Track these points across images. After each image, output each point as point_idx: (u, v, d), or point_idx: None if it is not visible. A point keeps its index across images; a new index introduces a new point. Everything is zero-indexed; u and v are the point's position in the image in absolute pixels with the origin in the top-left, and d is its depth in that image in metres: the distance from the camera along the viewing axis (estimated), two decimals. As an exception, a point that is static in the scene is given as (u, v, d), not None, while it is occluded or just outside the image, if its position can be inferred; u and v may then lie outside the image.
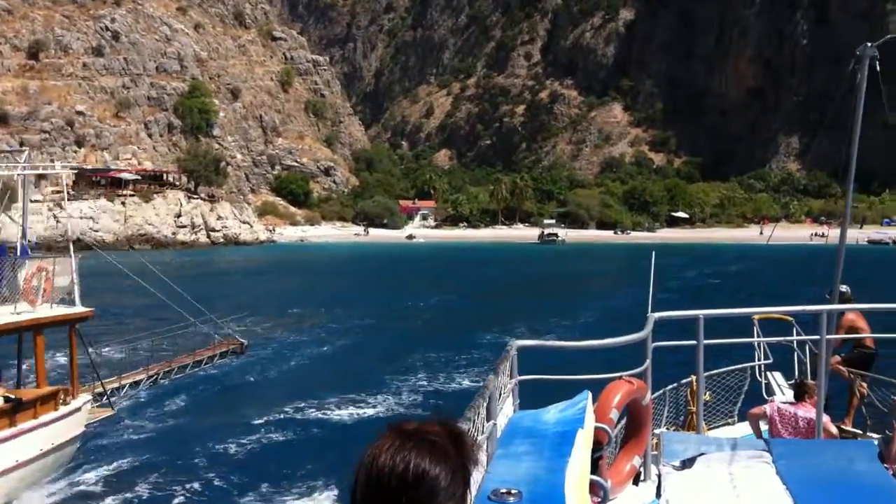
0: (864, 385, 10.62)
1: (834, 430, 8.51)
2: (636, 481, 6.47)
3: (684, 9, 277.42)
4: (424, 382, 26.72)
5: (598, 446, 5.21)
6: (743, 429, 9.60)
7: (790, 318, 10.05)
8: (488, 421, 4.79)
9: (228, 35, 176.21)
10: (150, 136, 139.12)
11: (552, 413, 5.27)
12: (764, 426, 8.73)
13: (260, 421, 22.43)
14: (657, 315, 6.91)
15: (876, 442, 6.98)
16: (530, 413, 5.50)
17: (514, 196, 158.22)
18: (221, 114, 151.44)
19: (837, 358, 11.02)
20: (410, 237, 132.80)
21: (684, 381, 9.43)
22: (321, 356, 32.31)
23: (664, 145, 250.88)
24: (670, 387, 9.61)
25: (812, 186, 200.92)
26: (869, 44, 10.94)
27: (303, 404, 24.00)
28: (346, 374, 28.51)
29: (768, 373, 11.04)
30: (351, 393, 25.09)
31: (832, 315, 9.63)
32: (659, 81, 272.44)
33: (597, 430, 5.18)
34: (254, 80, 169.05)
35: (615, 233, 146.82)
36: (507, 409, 5.54)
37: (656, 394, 8.85)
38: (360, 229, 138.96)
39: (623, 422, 6.56)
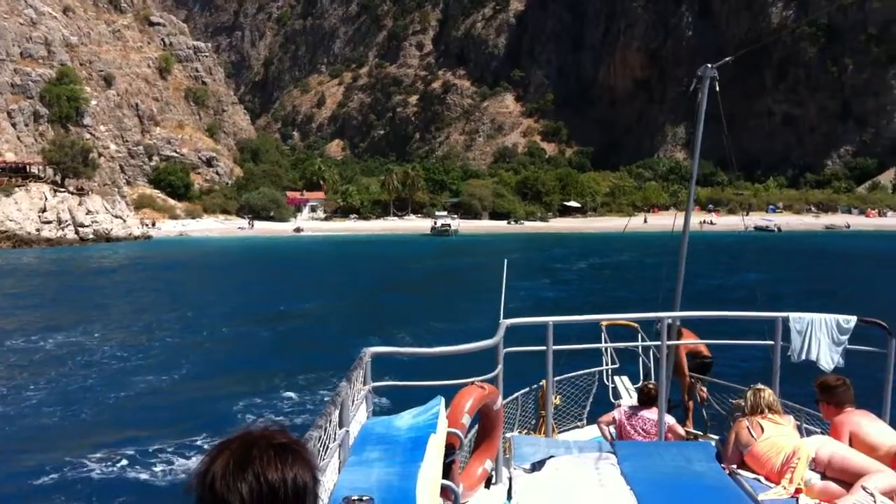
0: (704, 389, 11.07)
1: (681, 430, 9.01)
2: (488, 484, 6.44)
3: (573, 0, 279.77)
4: (287, 410, 22.06)
5: (450, 451, 5.18)
6: (591, 431, 9.84)
7: (635, 325, 10.87)
8: (340, 428, 4.76)
9: (101, 19, 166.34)
10: (13, 125, 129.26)
11: (405, 419, 5.24)
12: (613, 429, 9.00)
13: (45, 481, 16.45)
14: (508, 322, 6.88)
15: (714, 443, 7.17)
16: (383, 420, 5.41)
17: (405, 187, 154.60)
18: (93, 102, 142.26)
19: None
20: (298, 230, 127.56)
21: (535, 385, 9.37)
22: (154, 385, 25.17)
23: (556, 135, 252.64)
24: (522, 391, 9.65)
25: (699, 175, 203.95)
26: (709, 65, 11.76)
27: (116, 456, 17.78)
28: (183, 407, 22.26)
29: (615, 377, 11.47)
30: (186, 436, 19.22)
31: (673, 322, 9.97)
32: (549, 72, 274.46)
33: (449, 434, 5.18)
34: (129, 66, 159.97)
35: (508, 223, 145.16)
36: (360, 417, 5.43)
37: (509, 398, 9.00)
38: (244, 222, 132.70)
39: (476, 427, 6.53)
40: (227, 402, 22.59)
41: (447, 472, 5.13)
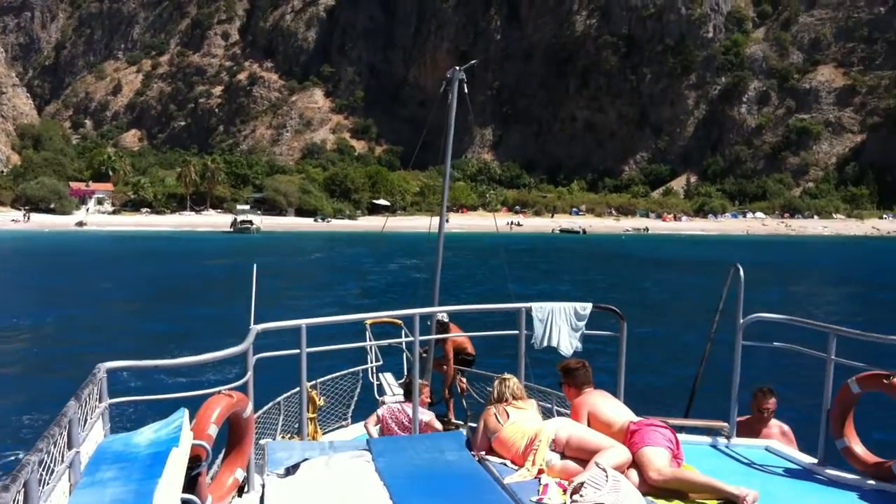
0: (464, 381, 11.61)
1: (438, 426, 9.11)
2: (241, 493, 6.34)
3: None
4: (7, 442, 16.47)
5: (196, 463, 5.04)
6: (356, 430, 10.08)
7: (399, 322, 10.71)
8: (70, 449, 4.48)
9: None
10: None
11: (146, 434, 5.03)
12: (378, 427, 9.14)
13: None
14: (259, 327, 6.71)
15: (464, 432, 7.39)
16: (122, 437, 5.15)
17: (204, 180, 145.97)
18: None
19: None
20: (81, 224, 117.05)
21: (297, 389, 8.91)
22: None
23: (365, 133, 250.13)
24: (284, 395, 9.49)
25: (505, 177, 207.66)
26: (457, 68, 12.05)
27: None
28: None
29: (380, 374, 11.71)
30: None
31: (430, 317, 10.80)
32: (360, 69, 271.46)
33: (194, 447, 5.04)
34: None
35: (315, 220, 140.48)
36: (95, 436, 5.12)
37: (271, 403, 9.16)
38: (19, 214, 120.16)
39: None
40: None
41: (193, 485, 4.95)
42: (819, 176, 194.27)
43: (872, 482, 6.43)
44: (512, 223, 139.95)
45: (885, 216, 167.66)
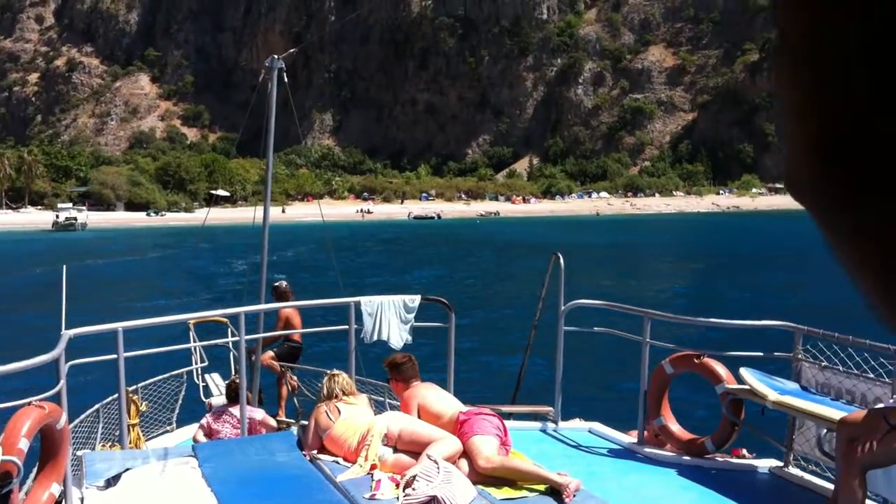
0: (294, 378, 11.33)
1: (273, 422, 9.14)
2: None
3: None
4: None
5: (7, 480, 4.94)
6: (182, 434, 9.68)
7: (225, 321, 10.50)
8: None
9: None
10: None
11: None
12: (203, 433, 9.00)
13: None
14: (71, 332, 6.46)
15: (295, 431, 7.36)
16: None
17: (21, 174, 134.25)
18: None
19: (270, 353, 11.52)
20: None
21: (114, 395, 8.42)
22: None
23: (197, 120, 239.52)
24: (103, 402, 8.94)
25: (349, 163, 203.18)
26: (276, 56, 11.32)
27: None
28: None
29: (206, 375, 11.34)
30: None
31: (256, 315, 10.10)
32: (188, 52, 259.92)
33: (4, 463, 4.93)
34: None
35: (148, 214, 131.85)
36: None
37: (89, 412, 8.87)
38: None
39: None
40: None
41: (5, 503, 4.93)
42: (655, 154, 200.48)
43: (688, 458, 6.84)
44: (362, 210, 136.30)
45: (721, 192, 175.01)
